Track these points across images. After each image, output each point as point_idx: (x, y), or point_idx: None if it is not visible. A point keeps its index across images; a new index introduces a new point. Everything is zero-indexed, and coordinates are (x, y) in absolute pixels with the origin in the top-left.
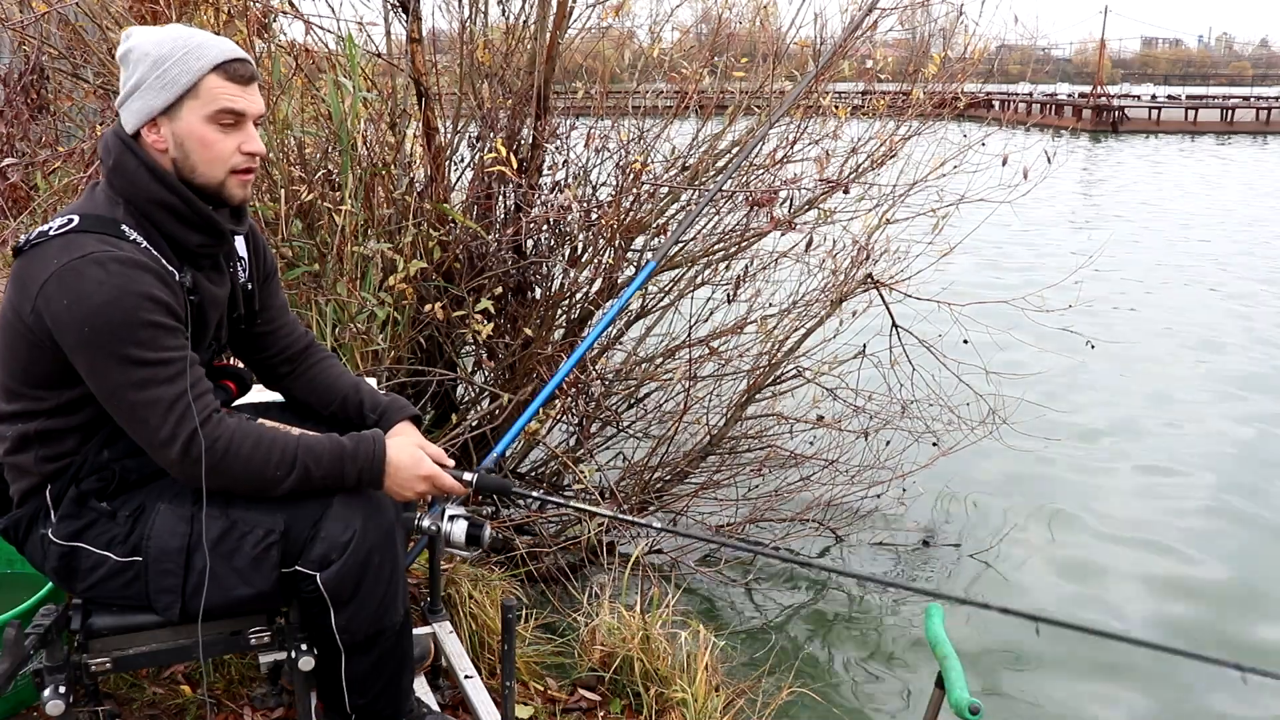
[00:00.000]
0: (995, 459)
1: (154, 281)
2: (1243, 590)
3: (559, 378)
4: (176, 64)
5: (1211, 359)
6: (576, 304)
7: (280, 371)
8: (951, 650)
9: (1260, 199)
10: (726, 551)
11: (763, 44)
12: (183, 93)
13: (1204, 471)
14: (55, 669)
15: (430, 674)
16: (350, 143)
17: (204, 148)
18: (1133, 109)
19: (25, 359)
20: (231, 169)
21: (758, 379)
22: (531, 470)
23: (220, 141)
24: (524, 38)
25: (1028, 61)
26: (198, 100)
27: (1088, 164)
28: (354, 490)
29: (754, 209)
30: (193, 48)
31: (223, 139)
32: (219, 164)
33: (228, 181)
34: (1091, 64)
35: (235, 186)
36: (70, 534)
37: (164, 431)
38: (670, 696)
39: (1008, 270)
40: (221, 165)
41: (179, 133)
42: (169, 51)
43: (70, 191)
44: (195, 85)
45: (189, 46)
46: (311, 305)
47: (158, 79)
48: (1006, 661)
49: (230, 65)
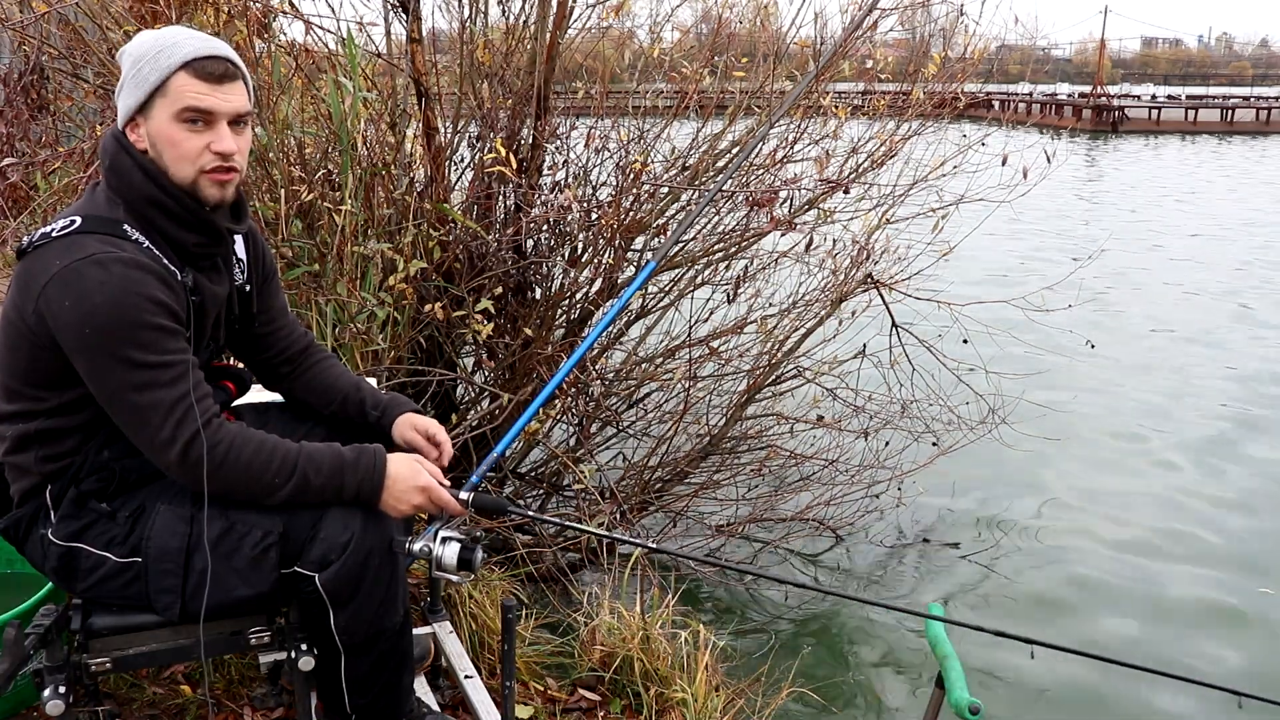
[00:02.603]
0: (995, 459)
1: (156, 283)
2: (1249, 601)
3: (559, 378)
4: (149, 62)
5: (1213, 359)
6: (576, 304)
7: (280, 372)
8: (952, 650)
9: (1260, 199)
10: (726, 552)
11: (763, 44)
12: (152, 91)
13: (1205, 471)
14: (55, 669)
15: (430, 674)
16: (350, 143)
17: (171, 146)
18: (1133, 109)
19: (26, 359)
20: (201, 169)
21: (758, 379)
22: (531, 470)
23: (187, 140)
24: (524, 38)
25: (1028, 61)
26: (166, 98)
27: (1088, 164)
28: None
29: (754, 209)
30: (165, 46)
31: (190, 138)
32: (186, 163)
33: (199, 181)
34: (1091, 64)
35: (209, 187)
36: (70, 534)
37: (163, 434)
38: (670, 696)
39: (1007, 270)
40: (189, 165)
41: (152, 132)
42: (145, 50)
43: (70, 191)
44: (164, 83)
45: (163, 45)
46: (311, 305)
47: (133, 77)
48: (1002, 672)
49: (199, 63)
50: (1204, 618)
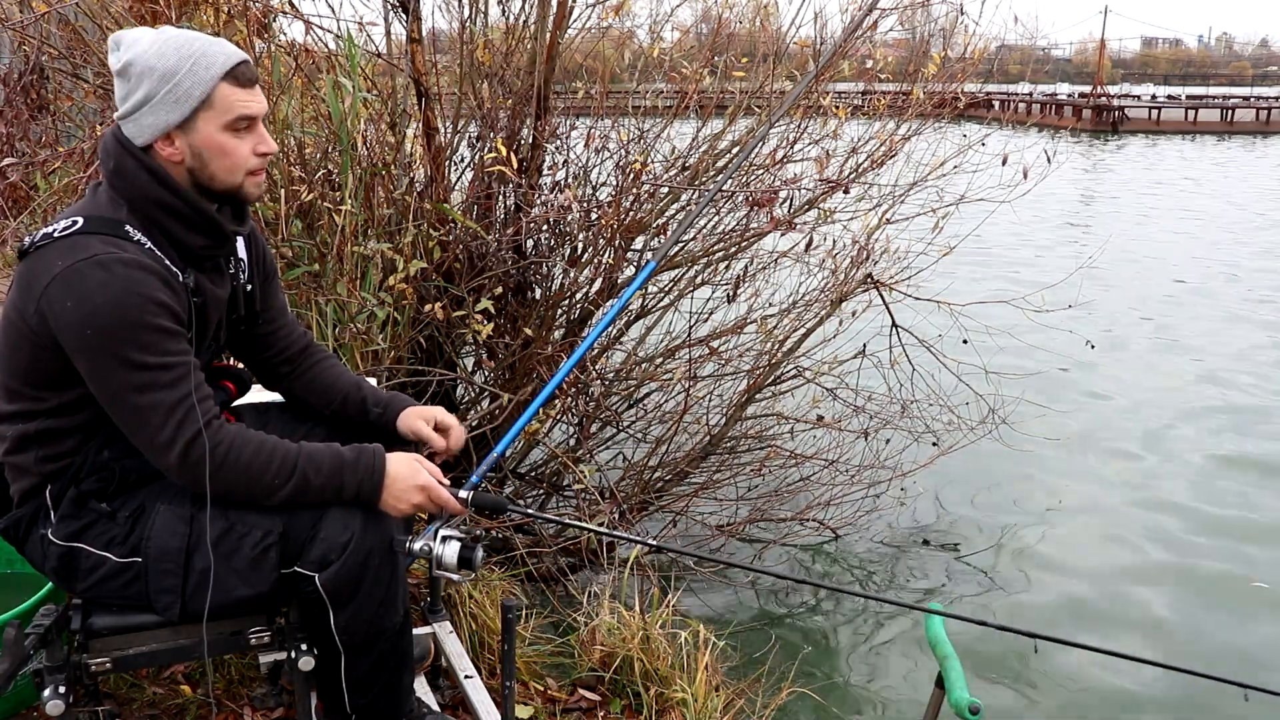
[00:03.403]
0: (995, 459)
1: (158, 284)
2: (1244, 595)
3: (559, 378)
4: (187, 75)
5: (1215, 359)
6: (576, 304)
7: (280, 372)
8: (952, 650)
9: (1261, 198)
10: (727, 552)
11: (763, 44)
12: (197, 105)
13: (1205, 471)
14: (55, 669)
15: (430, 674)
16: (350, 143)
17: (223, 156)
18: (1133, 109)
19: (27, 359)
20: (248, 171)
21: (758, 379)
22: (531, 470)
23: (238, 148)
24: (524, 38)
25: (1028, 61)
26: (213, 110)
27: (1087, 164)
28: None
29: (754, 209)
30: (199, 57)
31: (240, 145)
32: (238, 170)
33: (245, 183)
34: (1091, 64)
35: (252, 187)
36: (70, 534)
37: (164, 435)
38: (670, 696)
39: (1007, 270)
40: (240, 170)
41: (196, 144)
42: (176, 64)
43: (70, 191)
44: (209, 96)
45: (195, 56)
46: (311, 305)
47: (169, 93)
48: (1004, 669)
49: (237, 71)
50: (1206, 611)
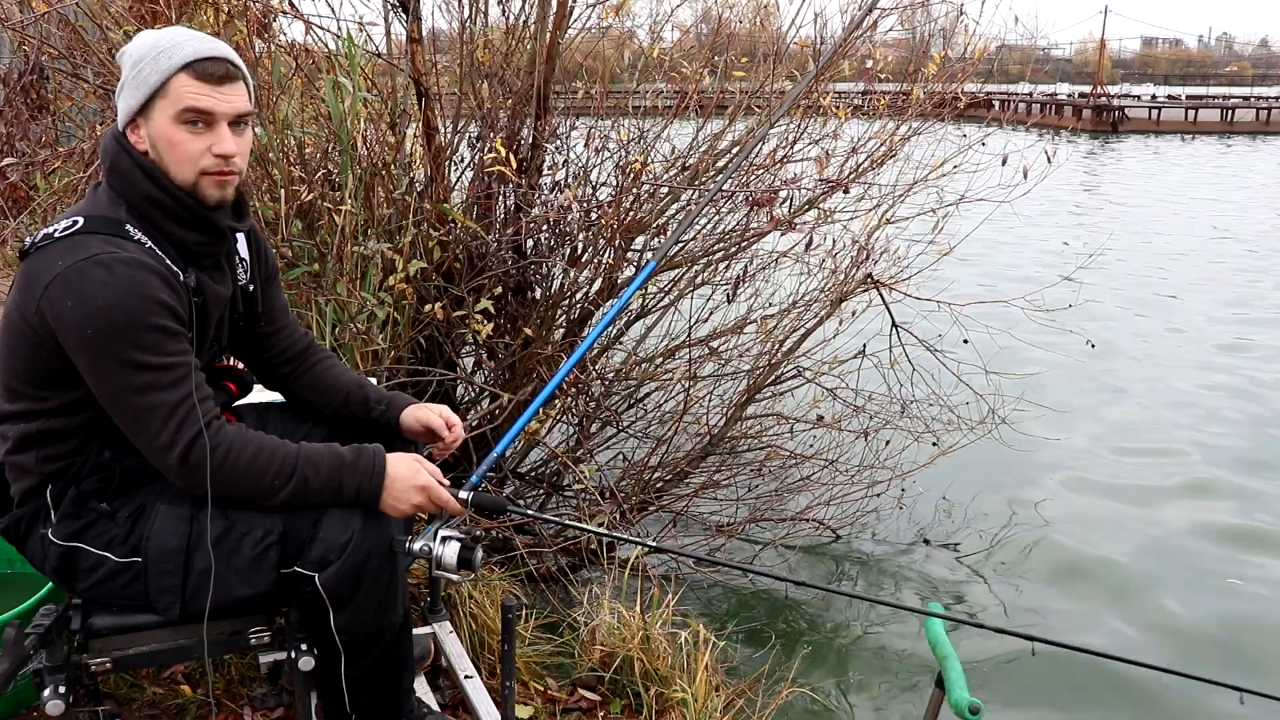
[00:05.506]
0: (995, 459)
1: (159, 284)
2: (1245, 596)
3: (559, 378)
4: (149, 64)
5: (1215, 359)
6: (576, 304)
7: (281, 372)
8: (952, 650)
9: (1260, 198)
10: (727, 552)
11: (763, 44)
12: (153, 92)
13: (1207, 472)
14: (55, 669)
15: (430, 674)
16: (350, 143)
17: (172, 148)
18: (1133, 109)
19: (28, 359)
20: (202, 170)
21: (758, 379)
22: (531, 470)
23: (188, 142)
24: (524, 38)
25: (1028, 61)
26: (166, 100)
27: (1088, 164)
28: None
29: (754, 209)
30: (166, 47)
31: (190, 139)
32: (188, 165)
33: (199, 183)
34: (1091, 64)
35: (209, 188)
36: (70, 534)
37: (164, 436)
38: (670, 696)
39: (1008, 270)
40: (190, 166)
41: (152, 133)
42: (145, 51)
43: (70, 191)
44: (164, 85)
45: (162, 46)
46: (311, 305)
47: (133, 78)
48: (1002, 670)
49: (200, 64)
50: (1206, 613)
